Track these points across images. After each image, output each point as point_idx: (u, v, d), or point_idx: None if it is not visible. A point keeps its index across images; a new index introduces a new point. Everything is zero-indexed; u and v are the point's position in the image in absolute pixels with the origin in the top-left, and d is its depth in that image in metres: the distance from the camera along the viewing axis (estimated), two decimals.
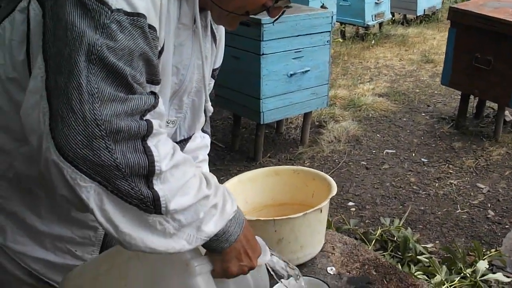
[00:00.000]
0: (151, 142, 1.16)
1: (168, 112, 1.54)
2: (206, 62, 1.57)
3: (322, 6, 8.30)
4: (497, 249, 3.66)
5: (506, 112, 5.68)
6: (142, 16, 1.19)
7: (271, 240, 1.96)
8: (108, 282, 1.41)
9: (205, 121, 1.87)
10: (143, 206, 1.15)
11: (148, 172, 1.14)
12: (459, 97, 5.91)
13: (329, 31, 5.13)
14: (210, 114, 1.76)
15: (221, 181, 1.48)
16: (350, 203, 4.45)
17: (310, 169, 2.24)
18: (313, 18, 4.97)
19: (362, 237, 3.59)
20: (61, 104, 1.11)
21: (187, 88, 1.54)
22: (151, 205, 1.15)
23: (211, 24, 1.60)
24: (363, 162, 5.13)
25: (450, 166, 5.00)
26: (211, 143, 1.95)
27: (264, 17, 4.62)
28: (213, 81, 1.78)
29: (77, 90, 1.10)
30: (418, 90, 7.06)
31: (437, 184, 4.70)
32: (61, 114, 1.10)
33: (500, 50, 5.15)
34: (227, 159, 5.16)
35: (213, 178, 1.32)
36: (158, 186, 1.16)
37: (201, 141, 1.89)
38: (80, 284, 1.40)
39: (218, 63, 1.78)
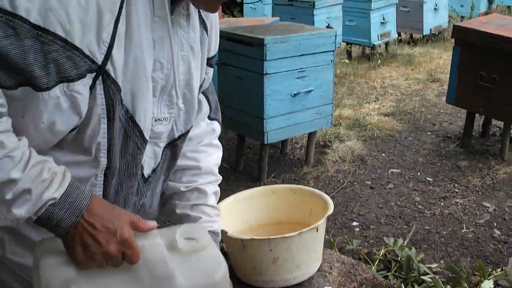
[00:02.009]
0: None
1: (160, 109, 1.53)
2: (192, 52, 1.56)
3: (328, 26, 8.32)
4: (503, 268, 3.60)
5: None
6: (19, 17, 1.18)
7: (266, 259, 1.94)
8: None
9: (211, 108, 1.87)
10: None
11: None
12: (465, 115, 5.88)
13: (333, 51, 5.12)
14: (215, 104, 1.88)
15: None
16: (354, 223, 4.41)
17: (307, 187, 2.22)
18: (316, 38, 4.95)
19: (366, 257, 3.55)
20: None
21: (174, 83, 1.50)
22: None
23: (199, 12, 1.58)
24: (368, 182, 5.10)
25: (456, 185, 4.96)
26: None
27: (267, 37, 4.62)
28: (211, 70, 1.77)
29: None
30: (424, 109, 7.03)
31: (442, 203, 4.66)
32: None
33: (505, 67, 5.12)
34: (232, 179, 5.13)
35: (42, 163, 1.31)
36: None
37: (207, 127, 1.89)
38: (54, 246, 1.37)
39: (214, 51, 1.75)
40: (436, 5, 10.47)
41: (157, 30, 1.41)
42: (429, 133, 6.24)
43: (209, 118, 1.89)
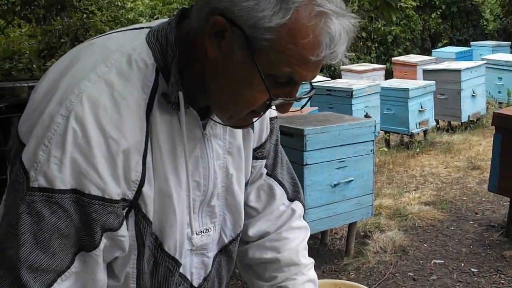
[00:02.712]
0: None
1: (201, 222, 1.54)
2: (231, 155, 1.56)
3: (366, 115, 8.35)
4: None
5: None
6: (59, 191, 1.23)
7: None
8: None
9: (287, 190, 1.82)
10: None
11: None
12: (508, 203, 5.78)
13: (373, 140, 5.12)
14: (293, 183, 1.84)
15: None
16: None
17: (351, 282, 2.18)
18: (356, 128, 4.97)
19: None
20: None
21: (213, 194, 1.53)
22: None
23: None
24: (410, 273, 5.00)
25: (502, 276, 4.84)
26: None
27: (307, 128, 4.64)
28: (260, 161, 1.73)
29: None
30: (465, 198, 6.94)
31: None
32: None
33: None
34: None
35: None
36: None
37: (286, 209, 1.82)
38: None
39: (259, 140, 1.70)
40: (473, 92, 10.47)
41: (191, 150, 1.44)
42: (471, 222, 6.14)
43: (289, 199, 1.82)
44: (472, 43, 17.59)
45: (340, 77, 13.53)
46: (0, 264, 1.23)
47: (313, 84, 1.42)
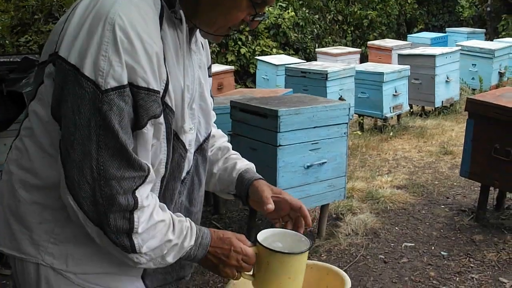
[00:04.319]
0: (136, 214, 1.63)
1: (188, 121, 1.85)
2: (201, 69, 1.96)
3: (340, 98, 8.36)
4: None
5: None
6: (126, 86, 1.56)
7: None
8: None
9: None
10: (123, 249, 1.66)
11: (129, 232, 1.64)
12: (479, 188, 5.82)
13: (347, 123, 5.12)
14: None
15: None
16: None
17: (324, 263, 2.17)
18: (330, 110, 4.96)
19: None
20: (77, 176, 1.58)
21: (195, 97, 1.89)
22: (129, 249, 1.66)
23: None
24: (381, 256, 5.03)
25: (471, 259, 4.88)
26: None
27: (281, 109, 4.63)
28: (210, 79, 2.11)
29: (90, 170, 1.57)
30: (437, 182, 6.98)
31: (457, 278, 4.58)
32: (77, 182, 1.58)
33: None
34: None
35: (180, 223, 1.78)
36: (135, 239, 1.65)
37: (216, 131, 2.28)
38: None
39: (209, 61, 2.11)
40: (447, 78, 10.53)
41: (185, 61, 1.80)
42: (442, 206, 6.18)
43: None
44: (447, 29, 17.74)
45: (315, 60, 13.54)
46: (109, 148, 1.57)
47: (289, 67, 1.80)
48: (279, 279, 1.86)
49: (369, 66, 9.97)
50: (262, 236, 1.97)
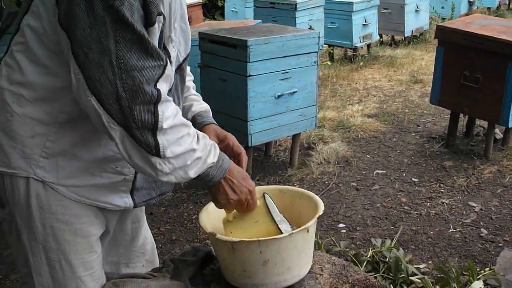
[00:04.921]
0: (160, 107, 1.62)
1: (174, 32, 1.86)
2: None
3: (310, 28, 8.29)
4: (492, 268, 3.59)
5: (496, 130, 5.63)
6: None
7: (256, 262, 1.89)
8: None
9: None
10: (148, 149, 1.64)
11: (154, 126, 1.62)
12: (449, 116, 5.86)
13: (316, 52, 5.09)
14: None
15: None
16: (341, 225, 4.38)
17: (297, 188, 2.17)
18: (299, 39, 4.92)
19: (353, 258, 3.51)
20: (98, 74, 1.57)
21: (176, 17, 1.86)
22: (153, 149, 1.64)
23: None
24: (353, 183, 5.07)
25: (441, 185, 4.94)
26: None
27: (250, 38, 4.58)
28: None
29: (111, 66, 1.56)
30: (407, 110, 7.02)
31: (428, 203, 4.64)
32: (98, 80, 1.57)
33: (489, 67, 5.12)
34: None
35: (204, 138, 1.79)
36: (160, 137, 1.64)
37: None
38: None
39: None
40: (417, 7, 10.49)
41: None
42: (413, 134, 6.23)
43: None
44: None
45: None
46: (127, 41, 1.56)
47: None
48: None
49: None
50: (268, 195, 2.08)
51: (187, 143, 1.70)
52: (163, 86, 1.65)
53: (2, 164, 1.81)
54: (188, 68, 2.20)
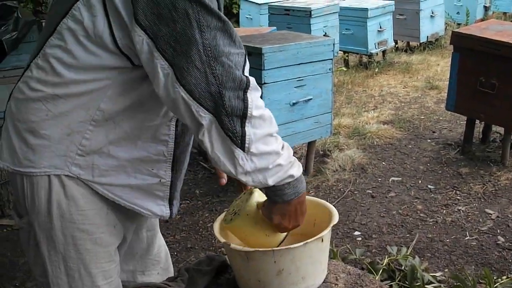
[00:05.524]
0: (249, 94, 1.62)
1: None
2: None
3: (325, 35, 8.28)
4: (509, 276, 3.56)
5: None
6: None
7: (270, 271, 1.89)
8: None
9: None
10: (234, 138, 1.62)
11: (243, 114, 1.61)
12: (465, 122, 5.84)
13: (331, 59, 5.08)
14: None
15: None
16: (356, 233, 4.37)
17: (311, 197, 2.17)
18: (314, 46, 4.92)
19: (369, 266, 3.49)
20: (185, 65, 1.59)
21: None
22: (239, 139, 1.63)
23: None
24: (368, 191, 5.05)
25: (458, 192, 4.92)
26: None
27: (265, 46, 4.59)
28: None
29: (198, 55, 1.58)
30: (423, 117, 6.99)
31: (444, 211, 4.62)
32: (187, 70, 1.59)
33: (505, 73, 5.09)
34: (231, 190, 5.09)
35: (289, 149, 1.76)
36: (248, 128, 1.63)
37: None
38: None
39: None
40: (432, 12, 10.46)
41: None
42: (429, 140, 6.20)
43: None
44: None
45: None
46: (211, 29, 1.59)
47: (272, 5, 1.81)
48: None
49: (353, 2, 9.86)
50: None
51: (273, 144, 1.69)
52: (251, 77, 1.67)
53: (29, 164, 1.81)
54: None
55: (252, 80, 1.65)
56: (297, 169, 1.76)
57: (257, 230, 1.92)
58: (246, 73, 1.65)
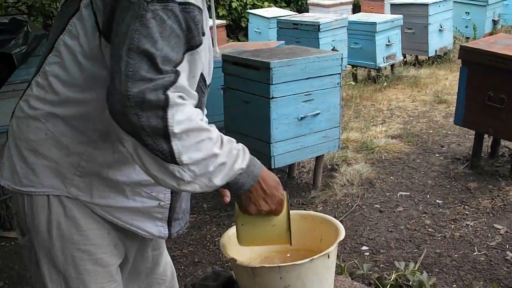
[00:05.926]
0: (170, 111, 1.53)
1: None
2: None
3: (333, 49, 8.30)
4: None
5: None
6: (172, 1, 1.58)
7: (277, 287, 1.89)
8: None
9: None
10: (162, 156, 1.56)
11: (164, 132, 1.53)
12: (473, 136, 5.82)
13: (339, 73, 5.09)
14: None
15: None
16: (364, 247, 4.35)
17: (318, 213, 2.17)
18: (322, 61, 4.93)
19: (376, 282, 3.49)
20: (109, 81, 1.55)
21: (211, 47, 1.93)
22: (168, 156, 1.56)
23: None
24: (376, 205, 5.04)
25: (466, 207, 4.90)
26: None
27: (273, 61, 4.60)
28: None
29: (119, 73, 1.52)
30: (431, 131, 6.98)
31: (453, 226, 4.60)
32: (109, 88, 1.55)
33: None
34: None
35: (230, 142, 1.69)
36: (174, 143, 1.55)
37: None
38: None
39: None
40: (441, 26, 10.46)
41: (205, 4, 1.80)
42: (437, 155, 6.19)
43: None
44: None
45: (307, 12, 13.43)
46: (140, 52, 1.53)
47: (280, 19, 1.87)
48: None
49: (361, 17, 9.90)
50: None
51: (207, 148, 1.61)
52: (175, 93, 1.58)
53: (29, 184, 1.82)
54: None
55: (174, 96, 1.56)
56: (242, 160, 1.70)
57: (261, 230, 1.90)
58: (172, 91, 1.56)
